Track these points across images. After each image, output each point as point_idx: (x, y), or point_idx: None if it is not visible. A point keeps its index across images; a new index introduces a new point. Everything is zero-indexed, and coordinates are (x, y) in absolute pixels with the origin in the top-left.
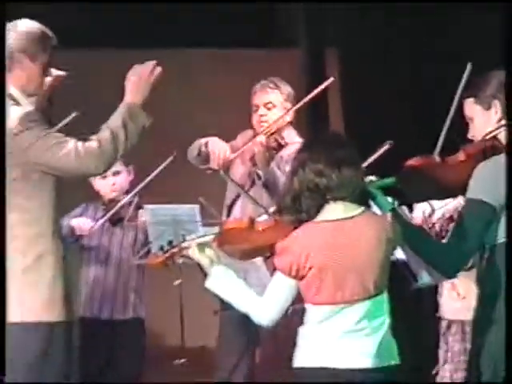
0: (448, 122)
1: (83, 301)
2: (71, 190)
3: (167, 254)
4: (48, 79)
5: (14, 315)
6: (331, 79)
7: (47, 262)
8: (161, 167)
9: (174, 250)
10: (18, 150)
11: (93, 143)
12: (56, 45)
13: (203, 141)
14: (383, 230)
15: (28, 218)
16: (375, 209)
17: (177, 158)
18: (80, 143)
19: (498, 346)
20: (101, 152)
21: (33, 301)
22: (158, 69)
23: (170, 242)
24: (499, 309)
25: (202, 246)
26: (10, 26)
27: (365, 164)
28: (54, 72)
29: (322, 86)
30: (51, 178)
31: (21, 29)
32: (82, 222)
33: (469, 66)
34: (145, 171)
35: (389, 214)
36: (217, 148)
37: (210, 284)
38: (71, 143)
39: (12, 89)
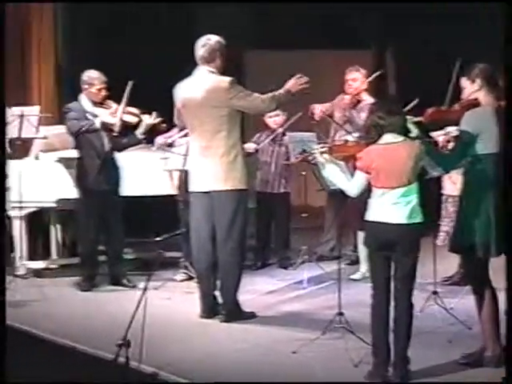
0: (451, 89)
1: (257, 181)
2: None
3: (303, 156)
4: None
5: (222, 187)
6: (380, 71)
7: (239, 159)
8: (296, 117)
9: (306, 154)
10: (226, 98)
11: (268, 96)
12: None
13: (312, 105)
14: (413, 150)
15: (229, 135)
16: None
17: (303, 114)
18: (261, 96)
19: (471, 212)
20: (270, 102)
21: (233, 179)
22: (305, 84)
23: (304, 151)
24: (475, 191)
25: (322, 153)
26: (210, 36)
27: (406, 110)
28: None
29: (378, 73)
30: (240, 114)
31: (214, 39)
32: (254, 145)
33: (457, 63)
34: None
35: (418, 141)
36: (317, 107)
37: (325, 172)
38: (257, 95)
39: (214, 70)
